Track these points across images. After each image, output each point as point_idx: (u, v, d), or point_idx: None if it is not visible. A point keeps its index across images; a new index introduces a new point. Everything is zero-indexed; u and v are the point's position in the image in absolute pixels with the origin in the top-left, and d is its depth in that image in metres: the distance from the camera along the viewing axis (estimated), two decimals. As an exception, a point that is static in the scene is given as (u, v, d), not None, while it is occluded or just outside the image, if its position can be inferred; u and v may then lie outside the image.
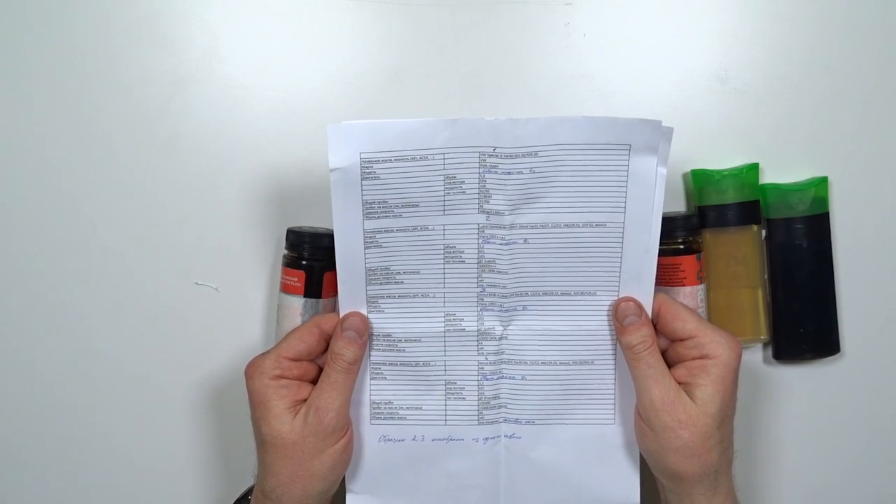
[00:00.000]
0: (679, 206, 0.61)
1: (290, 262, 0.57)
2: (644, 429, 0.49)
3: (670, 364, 0.50)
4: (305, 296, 0.56)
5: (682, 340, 0.49)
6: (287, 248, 0.58)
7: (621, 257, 0.49)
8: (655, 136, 0.47)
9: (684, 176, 0.61)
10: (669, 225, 0.57)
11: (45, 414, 0.63)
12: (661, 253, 0.58)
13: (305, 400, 0.50)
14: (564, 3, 0.60)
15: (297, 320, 0.56)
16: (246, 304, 0.62)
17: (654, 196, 0.48)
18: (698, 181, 0.60)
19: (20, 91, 0.60)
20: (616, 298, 0.51)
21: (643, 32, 0.60)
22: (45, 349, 0.62)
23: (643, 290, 0.50)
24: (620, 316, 0.50)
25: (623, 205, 0.48)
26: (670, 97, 0.60)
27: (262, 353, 0.50)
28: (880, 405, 0.63)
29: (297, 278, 0.56)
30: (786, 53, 0.60)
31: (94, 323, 0.62)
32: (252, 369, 0.50)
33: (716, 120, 0.60)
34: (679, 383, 0.49)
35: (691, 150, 0.60)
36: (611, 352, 0.52)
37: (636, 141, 0.47)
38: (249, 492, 0.52)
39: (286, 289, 0.57)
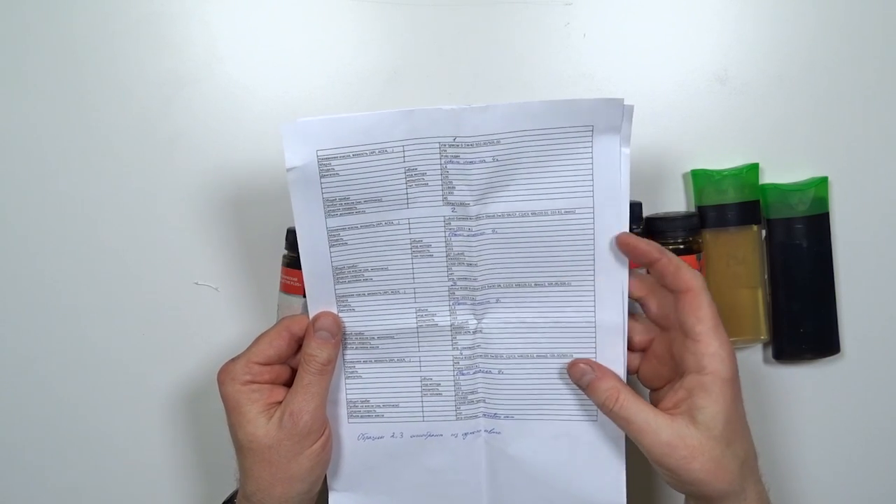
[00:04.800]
0: (679, 206, 0.61)
1: (290, 262, 0.57)
2: (656, 467, 0.47)
3: (667, 357, 0.49)
4: (305, 296, 0.56)
5: (685, 336, 0.47)
6: (287, 248, 0.58)
7: (593, 244, 0.48)
8: (617, 114, 0.45)
9: (684, 176, 0.61)
10: (669, 225, 0.58)
11: (45, 413, 0.63)
12: (661, 253, 0.58)
13: (280, 402, 0.49)
14: (564, 3, 0.60)
15: (297, 320, 0.55)
16: (246, 304, 0.62)
17: (620, 178, 0.47)
18: (698, 181, 0.60)
19: (20, 91, 0.60)
20: (571, 360, 0.50)
21: (643, 32, 0.60)
22: (45, 349, 0.62)
23: (618, 276, 0.48)
24: (576, 380, 0.49)
25: (591, 189, 0.47)
26: (670, 97, 0.60)
27: (233, 359, 0.49)
28: (880, 405, 0.63)
29: (297, 278, 0.56)
30: (786, 53, 0.60)
31: (93, 323, 0.62)
32: (223, 375, 0.49)
33: (716, 120, 0.60)
34: (679, 407, 0.47)
35: (691, 150, 0.60)
36: (591, 345, 0.50)
37: (598, 121, 0.45)
38: (234, 495, 0.52)
39: (286, 289, 0.57)
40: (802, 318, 0.60)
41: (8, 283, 0.62)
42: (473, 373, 0.52)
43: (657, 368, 0.50)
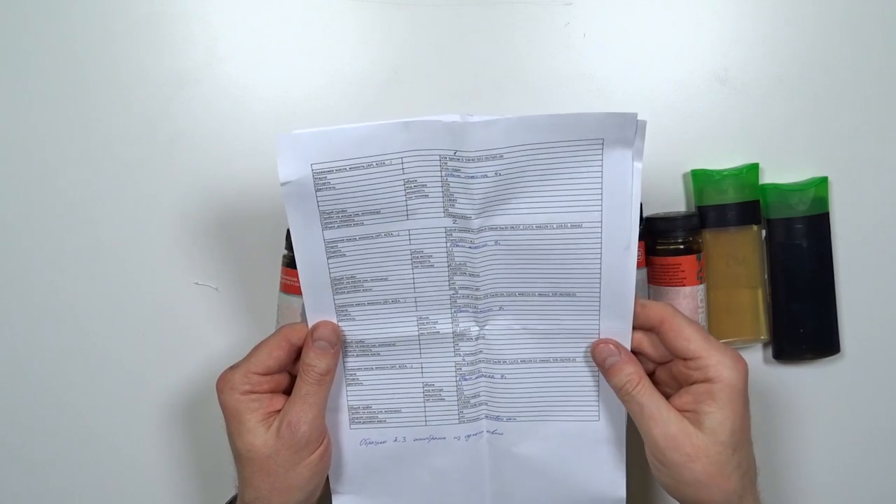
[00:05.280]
0: (679, 206, 0.61)
1: (290, 262, 0.57)
2: (656, 465, 0.47)
3: (673, 382, 0.49)
4: (305, 297, 0.56)
5: (684, 359, 0.47)
6: (287, 247, 0.58)
7: (600, 257, 0.47)
8: (629, 129, 0.44)
9: (684, 176, 0.61)
10: (669, 225, 0.58)
11: (44, 414, 0.63)
12: (661, 253, 0.58)
13: (279, 411, 0.49)
14: (564, 3, 0.60)
15: (297, 320, 0.55)
16: (246, 304, 0.62)
17: (631, 192, 0.45)
18: (698, 181, 0.60)
19: (20, 91, 0.60)
20: (594, 340, 0.49)
21: (643, 32, 0.60)
22: (45, 349, 0.62)
23: (625, 289, 0.48)
24: (600, 359, 0.49)
25: (599, 203, 0.46)
26: (670, 97, 0.60)
27: (232, 367, 0.49)
28: (880, 405, 0.63)
29: (297, 278, 0.56)
30: (786, 53, 0.60)
31: (93, 323, 0.62)
32: (222, 384, 0.49)
33: (716, 120, 0.60)
34: (686, 411, 0.47)
35: (691, 150, 0.60)
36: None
37: (609, 135, 0.44)
38: (234, 500, 0.52)
39: (286, 289, 0.57)
40: (802, 318, 0.60)
41: (8, 283, 0.62)
42: (476, 377, 0.51)
43: (663, 390, 0.50)
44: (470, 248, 0.48)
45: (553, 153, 0.45)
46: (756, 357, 0.63)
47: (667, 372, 0.50)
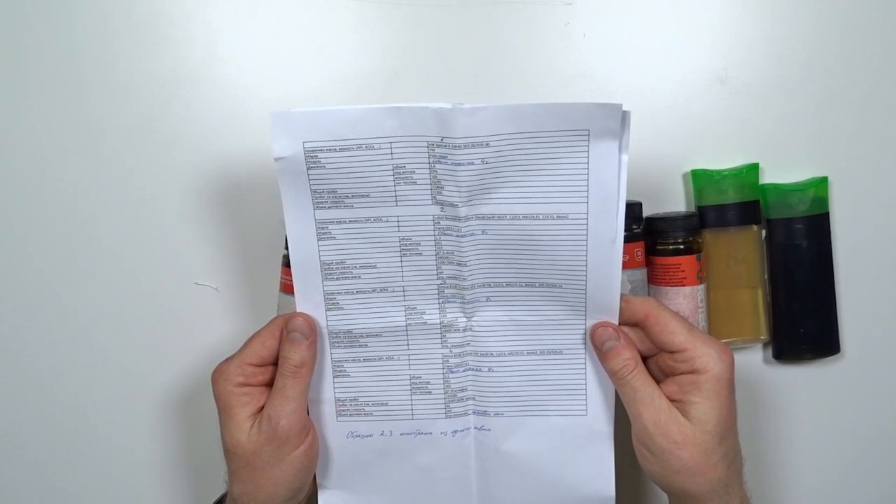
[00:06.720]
0: (679, 206, 0.61)
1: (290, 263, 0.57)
2: (643, 452, 0.48)
3: (660, 374, 0.49)
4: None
5: (671, 352, 0.48)
6: (287, 247, 0.57)
7: (586, 249, 0.47)
8: (615, 120, 0.44)
9: (684, 176, 0.61)
10: (669, 225, 0.58)
11: (44, 414, 0.63)
12: (661, 253, 0.58)
13: None
14: (564, 3, 0.60)
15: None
16: (246, 304, 0.62)
17: (618, 184, 0.46)
18: (698, 181, 0.60)
19: (20, 91, 0.60)
20: (593, 323, 0.49)
21: (643, 32, 0.60)
22: (45, 349, 0.62)
23: (611, 282, 0.48)
24: (598, 342, 0.49)
25: (585, 195, 0.46)
26: (670, 97, 0.60)
27: (227, 359, 0.49)
28: (880, 405, 0.63)
29: (297, 278, 0.56)
30: (786, 53, 0.60)
31: (93, 323, 0.62)
32: (217, 375, 0.49)
33: (716, 120, 0.60)
34: (672, 400, 0.47)
35: (691, 150, 0.60)
36: (580, 342, 0.50)
37: (595, 126, 0.44)
38: (225, 497, 0.52)
39: (286, 289, 0.57)
40: (802, 318, 0.60)
41: (8, 283, 0.62)
42: (463, 371, 0.51)
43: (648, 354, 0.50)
44: (457, 236, 0.48)
45: (539, 143, 0.45)
46: (756, 357, 0.63)
47: (653, 365, 0.50)
